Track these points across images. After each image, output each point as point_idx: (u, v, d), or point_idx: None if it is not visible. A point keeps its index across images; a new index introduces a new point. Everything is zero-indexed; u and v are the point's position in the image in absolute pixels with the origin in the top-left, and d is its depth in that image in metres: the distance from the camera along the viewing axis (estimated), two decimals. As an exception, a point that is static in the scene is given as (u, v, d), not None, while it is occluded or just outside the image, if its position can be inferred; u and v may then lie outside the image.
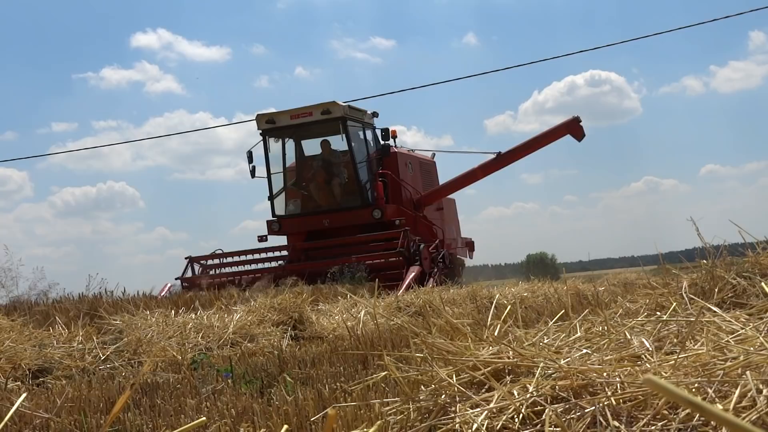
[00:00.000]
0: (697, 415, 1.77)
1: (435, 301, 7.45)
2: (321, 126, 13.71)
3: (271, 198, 14.11)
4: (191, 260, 13.51)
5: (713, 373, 1.93)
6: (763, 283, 3.27)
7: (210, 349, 5.62)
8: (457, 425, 2.08)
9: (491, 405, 2.07)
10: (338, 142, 14.00)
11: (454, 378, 2.29)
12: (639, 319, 2.80)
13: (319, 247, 13.59)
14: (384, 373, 2.68)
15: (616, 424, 1.84)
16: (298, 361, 4.59)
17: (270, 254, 13.65)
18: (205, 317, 6.50)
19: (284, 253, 13.74)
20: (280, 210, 14.24)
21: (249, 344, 5.84)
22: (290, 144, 14.35)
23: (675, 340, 2.38)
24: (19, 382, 4.62)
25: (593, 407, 1.92)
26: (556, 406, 1.98)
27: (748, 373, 1.85)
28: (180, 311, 6.97)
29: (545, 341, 2.58)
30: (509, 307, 3.18)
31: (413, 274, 11.52)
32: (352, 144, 13.66)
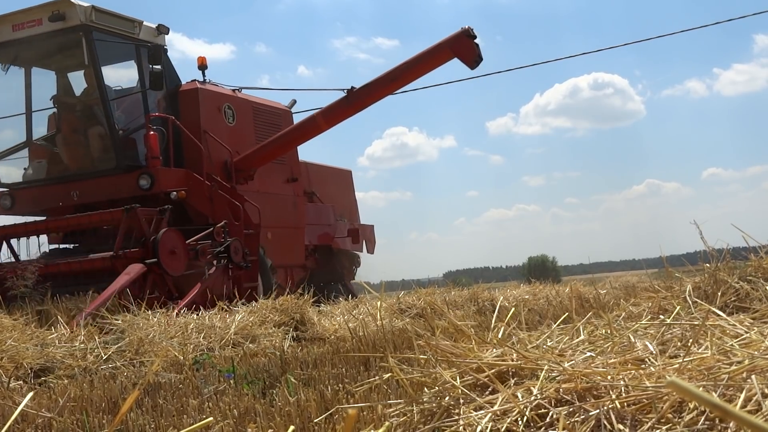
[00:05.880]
0: (702, 418, 1.77)
1: (437, 303, 7.45)
2: (56, 41, 8.84)
3: None
4: None
5: (718, 377, 1.93)
6: (767, 287, 3.27)
7: (212, 349, 5.62)
8: (460, 427, 2.08)
9: (495, 407, 2.07)
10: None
11: (458, 380, 2.29)
12: (642, 322, 2.80)
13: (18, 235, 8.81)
14: (387, 375, 2.68)
15: (621, 427, 1.84)
16: (300, 362, 4.59)
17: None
18: (206, 318, 6.51)
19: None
20: (12, 176, 9.54)
21: (251, 345, 5.84)
22: (49, 76, 9.67)
23: (679, 344, 2.37)
24: (21, 382, 4.62)
25: (597, 410, 1.91)
26: (560, 409, 1.98)
27: (753, 377, 1.85)
28: (182, 311, 6.98)
29: (549, 344, 2.57)
30: (512, 309, 3.18)
31: (127, 278, 7.27)
32: (101, 70, 8.83)
